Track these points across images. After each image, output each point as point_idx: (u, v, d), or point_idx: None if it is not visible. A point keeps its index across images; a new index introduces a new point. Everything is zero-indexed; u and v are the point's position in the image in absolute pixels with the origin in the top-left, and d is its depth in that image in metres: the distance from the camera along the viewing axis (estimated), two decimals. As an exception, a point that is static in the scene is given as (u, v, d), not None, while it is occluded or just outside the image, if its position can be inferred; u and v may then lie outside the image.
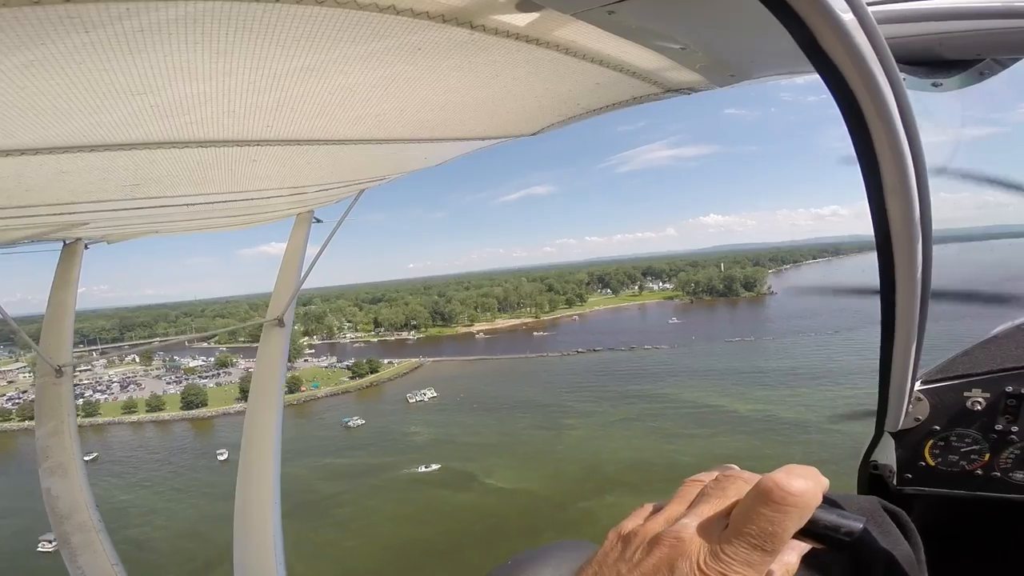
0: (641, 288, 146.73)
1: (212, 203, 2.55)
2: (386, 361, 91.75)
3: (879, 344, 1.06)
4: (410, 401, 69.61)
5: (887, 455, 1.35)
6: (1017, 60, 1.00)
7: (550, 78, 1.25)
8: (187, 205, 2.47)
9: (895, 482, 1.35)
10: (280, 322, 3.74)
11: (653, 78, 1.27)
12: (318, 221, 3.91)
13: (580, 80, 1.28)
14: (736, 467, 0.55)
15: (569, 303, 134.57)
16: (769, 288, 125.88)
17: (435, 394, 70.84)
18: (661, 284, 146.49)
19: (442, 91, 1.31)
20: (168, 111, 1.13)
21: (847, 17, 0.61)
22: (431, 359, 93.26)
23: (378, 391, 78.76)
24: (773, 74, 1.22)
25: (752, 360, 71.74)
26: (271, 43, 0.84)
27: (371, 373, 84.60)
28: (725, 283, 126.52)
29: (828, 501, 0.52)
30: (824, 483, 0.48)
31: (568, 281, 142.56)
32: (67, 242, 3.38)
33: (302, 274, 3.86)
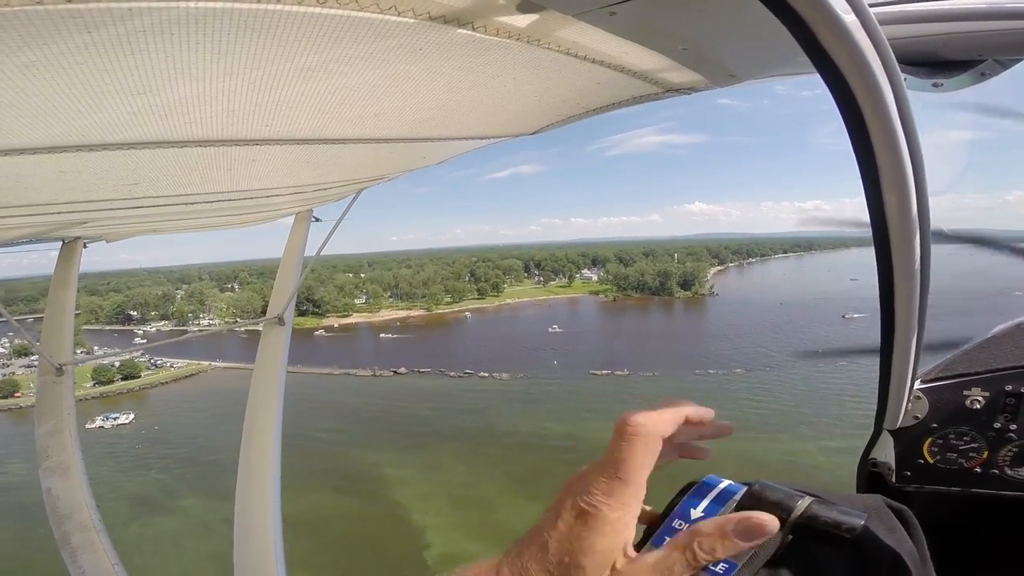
0: (571, 279, 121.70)
1: (211, 202, 2.55)
2: (169, 364, 67.19)
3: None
4: (88, 426, 47.17)
5: (886, 453, 1.36)
6: (1018, 61, 1.00)
7: (551, 78, 1.25)
8: (186, 204, 2.47)
9: (894, 479, 1.36)
10: (280, 320, 3.75)
11: (653, 78, 1.27)
12: (317, 220, 3.92)
13: (581, 80, 1.28)
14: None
15: (481, 293, 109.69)
16: (711, 289, 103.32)
17: (129, 420, 49.91)
18: (599, 275, 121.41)
19: (443, 91, 1.31)
20: (168, 111, 1.12)
21: (849, 18, 0.61)
22: (224, 364, 68.93)
23: (99, 404, 54.56)
24: (773, 74, 1.22)
25: (584, 414, 43.36)
26: (273, 44, 0.84)
27: (125, 379, 60.86)
28: (660, 279, 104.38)
29: (830, 499, 0.52)
30: (682, 416, 0.53)
31: (497, 266, 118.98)
32: (66, 241, 3.38)
33: (300, 272, 3.86)
